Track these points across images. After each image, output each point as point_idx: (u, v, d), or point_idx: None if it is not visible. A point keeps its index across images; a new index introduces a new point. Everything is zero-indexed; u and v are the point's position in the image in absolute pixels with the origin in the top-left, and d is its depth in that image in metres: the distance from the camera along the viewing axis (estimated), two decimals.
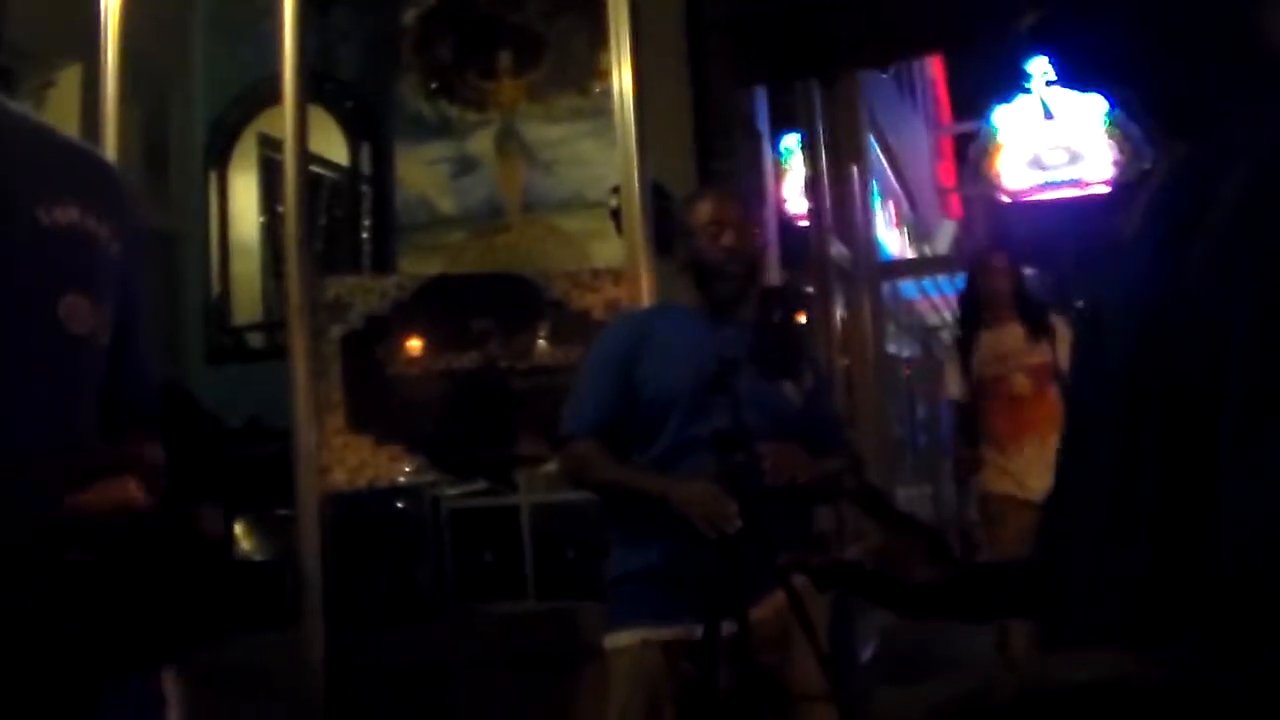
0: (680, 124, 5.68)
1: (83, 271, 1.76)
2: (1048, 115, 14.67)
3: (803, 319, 3.53)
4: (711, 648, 3.21)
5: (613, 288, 4.82)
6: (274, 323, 6.50)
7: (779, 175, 8.76)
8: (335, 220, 6.70)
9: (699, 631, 3.27)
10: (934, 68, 19.89)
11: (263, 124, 6.68)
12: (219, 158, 6.95)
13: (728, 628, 3.22)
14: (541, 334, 4.84)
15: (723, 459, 3.27)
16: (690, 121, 5.72)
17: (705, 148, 5.72)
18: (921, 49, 9.77)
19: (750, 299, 3.62)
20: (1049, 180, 15.61)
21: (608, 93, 5.20)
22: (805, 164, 9.53)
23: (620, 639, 3.51)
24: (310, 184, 5.43)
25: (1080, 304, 1.38)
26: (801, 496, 3.51)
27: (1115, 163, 13.92)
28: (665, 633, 3.41)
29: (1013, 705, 1.04)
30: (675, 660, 3.40)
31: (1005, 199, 16.30)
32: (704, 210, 3.66)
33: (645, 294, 4.67)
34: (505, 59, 6.42)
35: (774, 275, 6.52)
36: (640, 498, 3.44)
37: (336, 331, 4.67)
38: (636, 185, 4.81)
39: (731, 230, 3.60)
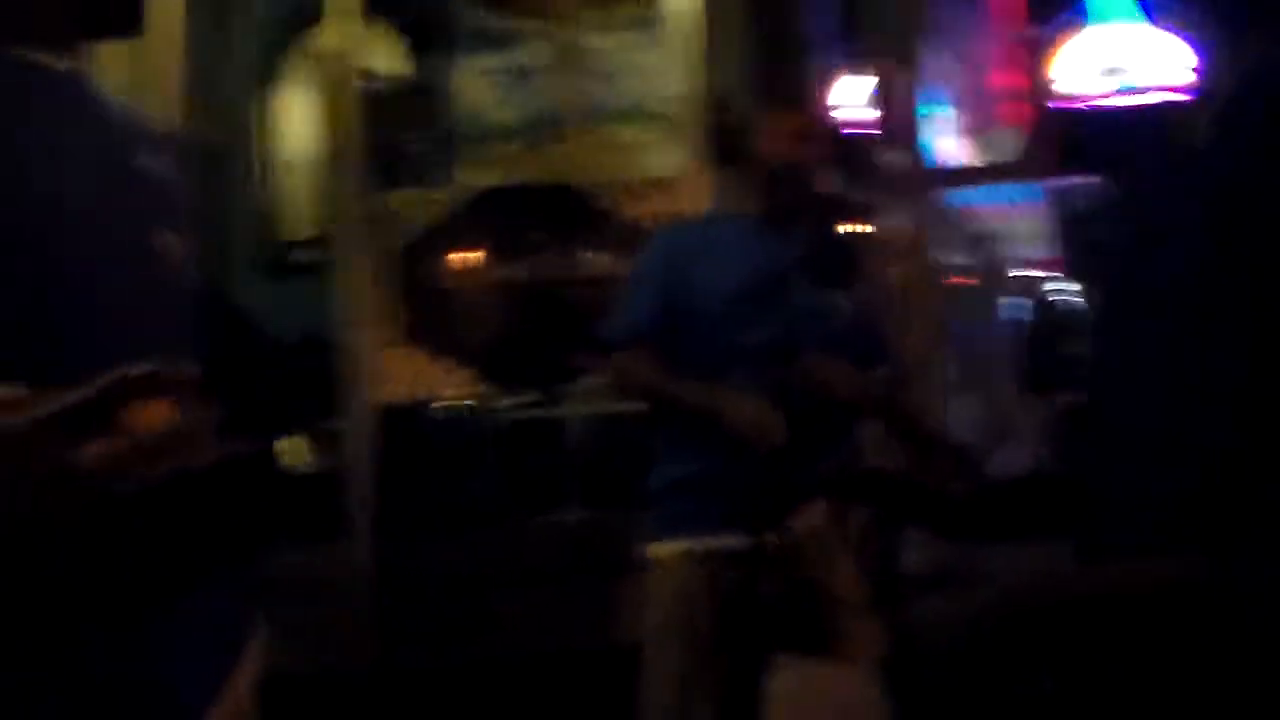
0: (740, 33, 5.61)
1: (169, 211, 1.89)
2: (1119, 19, 14.43)
3: (857, 229, 3.51)
4: (755, 557, 3.23)
5: (665, 197, 4.78)
6: (328, 237, 6.50)
7: (840, 82, 8.63)
8: (390, 132, 6.66)
9: (741, 542, 3.28)
10: None
11: (317, 35, 6.65)
12: (272, 70, 6.92)
13: (771, 538, 3.23)
14: (594, 244, 4.81)
15: (770, 371, 3.26)
16: (750, 30, 5.65)
17: (765, 57, 5.65)
18: None
19: (808, 209, 3.59)
20: (1121, 86, 15.39)
21: (667, 2, 5.15)
22: (866, 65, 9.40)
23: (663, 549, 3.51)
24: (365, 96, 5.42)
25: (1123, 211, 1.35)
26: (845, 410, 3.50)
27: (1195, 70, 13.63)
28: (708, 543, 3.41)
29: (1042, 612, 1.04)
30: (718, 571, 3.40)
31: (1073, 105, 16.08)
32: (785, 119, 3.59)
33: (701, 204, 4.64)
34: None
35: (828, 183, 6.47)
36: (687, 410, 3.44)
37: (390, 244, 4.66)
38: (694, 96, 4.77)
39: (812, 141, 3.59)
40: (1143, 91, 15.13)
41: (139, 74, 5.01)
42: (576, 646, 4.53)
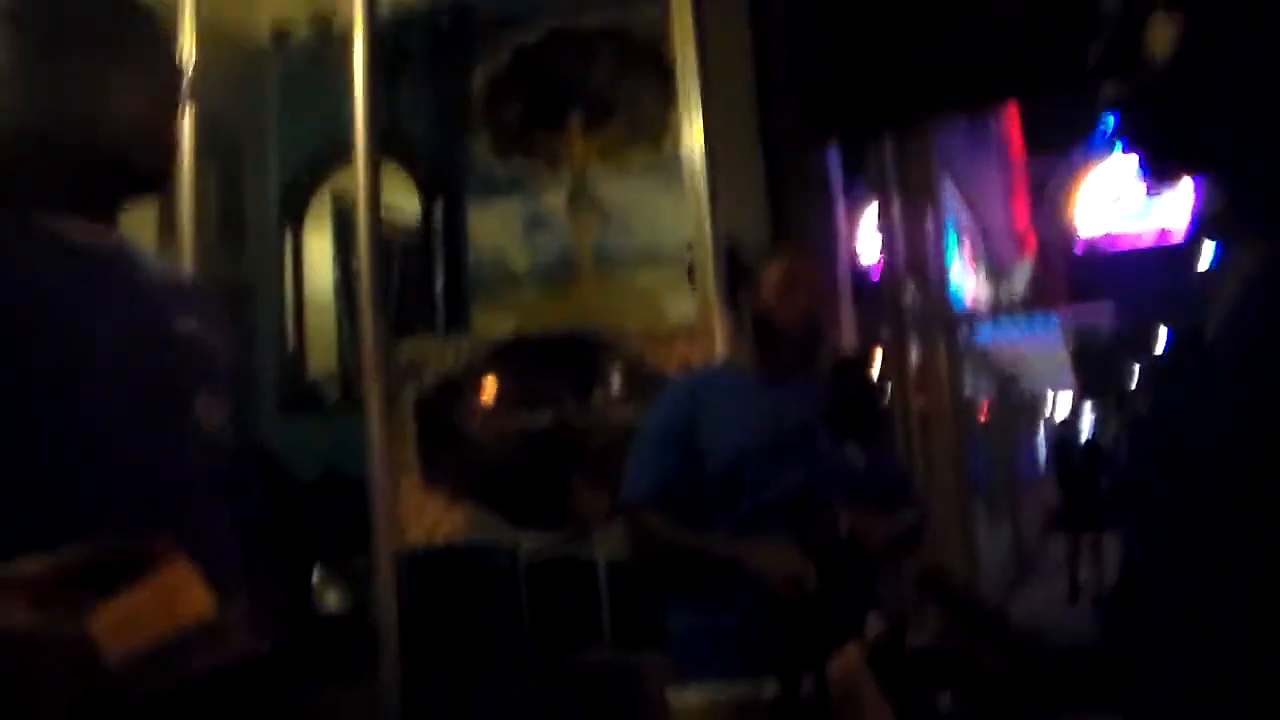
0: (752, 179, 5.67)
1: (210, 373, 1.96)
2: (1125, 152, 14.53)
3: (875, 383, 3.49)
4: (792, 705, 3.21)
5: (687, 345, 4.81)
6: (348, 375, 6.55)
7: (851, 221, 8.73)
8: (408, 278, 6.73)
9: (768, 690, 3.26)
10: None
11: (336, 182, 6.76)
12: (293, 214, 7.01)
13: (807, 684, 3.21)
14: (615, 393, 4.84)
15: (800, 523, 3.25)
16: (762, 176, 5.71)
17: (777, 203, 5.70)
18: (997, 99, 9.71)
19: (811, 360, 3.61)
20: (1127, 219, 15.48)
21: (680, 147, 5.22)
22: (878, 211, 9.51)
23: (688, 698, 3.50)
24: (383, 242, 5.49)
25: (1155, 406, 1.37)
26: (869, 558, 3.50)
27: (1195, 196, 13.71)
28: (736, 692, 3.39)
29: None
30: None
31: (1081, 241, 16.19)
32: (775, 270, 3.63)
33: (719, 351, 4.67)
34: (575, 119, 6.43)
35: (848, 324, 6.51)
36: (712, 564, 3.42)
37: (411, 392, 4.69)
38: (710, 242, 4.82)
39: (803, 292, 3.58)
40: (1148, 223, 15.23)
41: (166, 219, 5.14)
42: None
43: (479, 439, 4.79)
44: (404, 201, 6.71)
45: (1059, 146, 14.76)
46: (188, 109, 2.02)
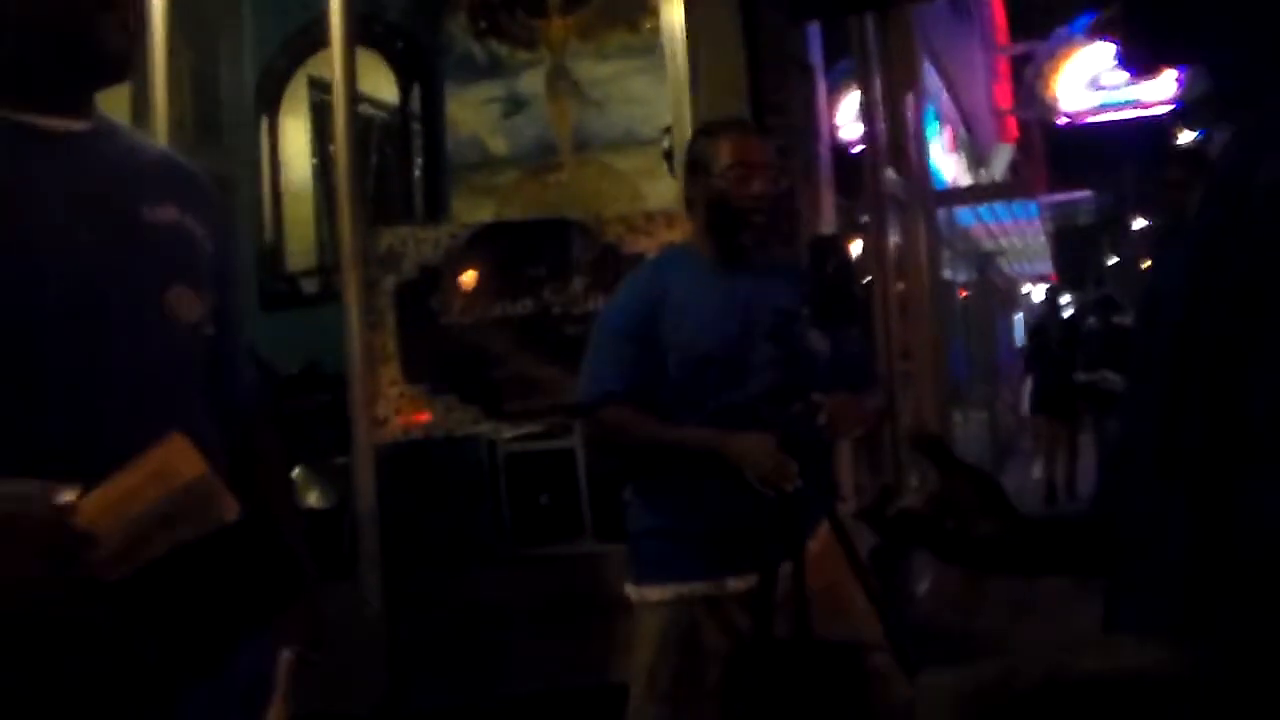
0: (732, 60, 5.59)
1: (185, 265, 1.92)
2: (1105, 35, 14.42)
3: (851, 264, 3.38)
4: (768, 597, 3.17)
5: (666, 230, 4.77)
6: (328, 267, 6.51)
7: (832, 103, 8.64)
8: (387, 160, 6.68)
9: (732, 585, 3.25)
10: None
11: (312, 67, 6.67)
12: (269, 103, 6.94)
13: (785, 574, 3.17)
14: (595, 279, 4.80)
15: (780, 413, 3.19)
16: (742, 58, 5.63)
17: (757, 84, 5.64)
18: None
19: (775, 241, 3.48)
20: (1107, 101, 15.41)
21: (658, 29, 5.15)
22: (859, 87, 9.43)
23: (650, 593, 3.41)
24: (361, 125, 5.42)
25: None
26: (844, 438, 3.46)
27: (1176, 81, 13.70)
28: (702, 587, 3.34)
29: (1036, 694, 1.05)
30: (720, 615, 3.34)
31: (1063, 120, 16.12)
32: (725, 149, 3.42)
33: None
34: None
35: (828, 206, 6.47)
36: (689, 456, 3.32)
37: (390, 282, 4.65)
38: (689, 125, 4.76)
39: (758, 173, 3.40)
40: (1128, 107, 15.16)
41: (139, 108, 5.05)
42: (588, 684, 4.50)
43: (458, 328, 4.75)
44: (381, 86, 6.64)
45: (1041, 30, 14.66)
46: None
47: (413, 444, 5.02)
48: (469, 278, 4.78)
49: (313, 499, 5.25)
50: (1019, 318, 28.32)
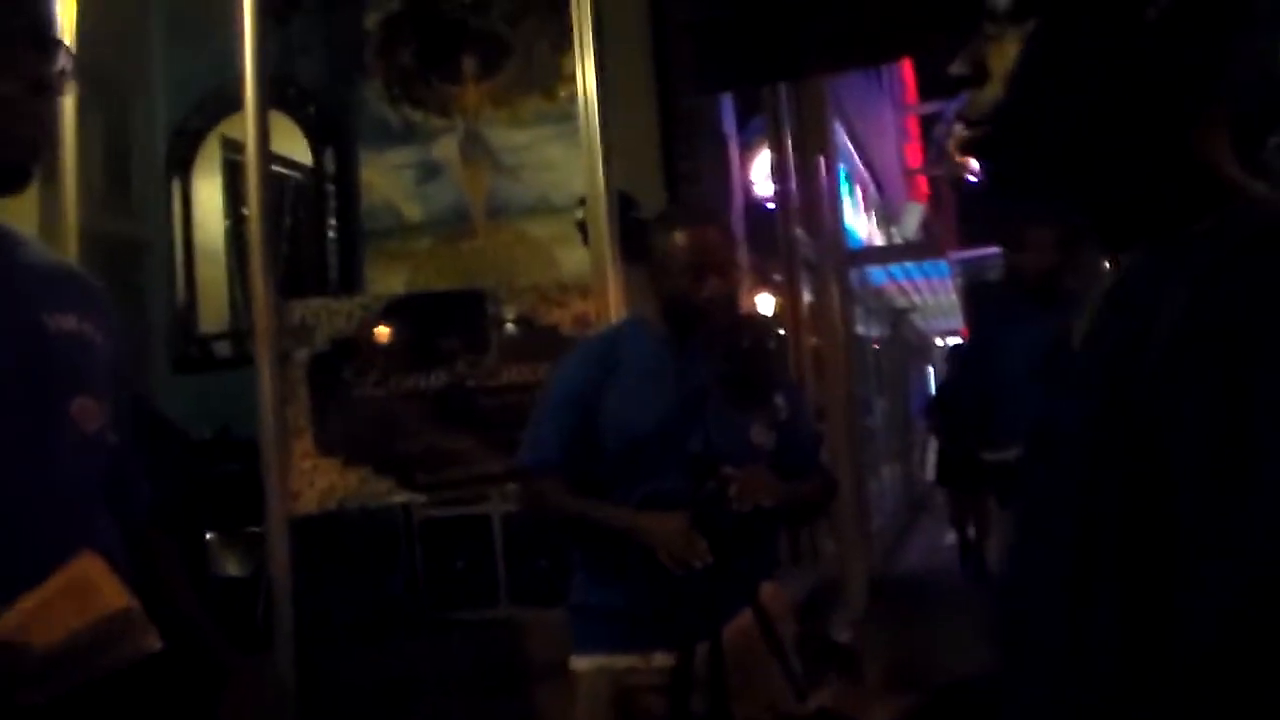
0: (646, 130, 5.66)
1: (87, 374, 1.89)
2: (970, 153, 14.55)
3: (771, 347, 3.35)
4: (685, 676, 3.20)
5: (580, 301, 4.79)
6: (241, 331, 6.47)
7: (745, 160, 8.72)
8: (300, 223, 6.66)
9: (658, 660, 3.27)
10: None
11: (225, 129, 6.65)
12: (182, 164, 6.89)
13: (701, 653, 3.20)
14: (509, 350, 4.80)
15: (693, 486, 3.22)
16: (656, 127, 5.70)
17: (671, 153, 5.70)
18: (889, 55, 9.74)
19: (717, 321, 3.49)
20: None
21: (573, 97, 5.18)
22: (771, 146, 9.52)
23: (582, 663, 3.47)
24: (275, 187, 5.41)
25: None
26: (769, 520, 3.47)
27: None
28: (629, 660, 3.37)
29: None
30: (641, 688, 3.35)
31: (972, 179, 16.31)
32: (682, 245, 3.41)
33: (613, 307, 4.65)
34: (469, 63, 6.38)
35: (743, 263, 6.52)
36: (608, 532, 3.37)
37: (303, 354, 4.63)
38: (603, 196, 4.79)
39: (714, 274, 3.40)
40: None
41: (48, 168, 5.01)
42: None
43: (372, 400, 4.73)
44: (295, 149, 6.62)
45: (950, 89, 14.86)
46: (67, 91, 1.91)
47: (324, 518, 4.99)
48: (382, 350, 4.77)
49: (227, 567, 5.21)
50: (931, 371, 28.58)
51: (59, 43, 1.86)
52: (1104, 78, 1.24)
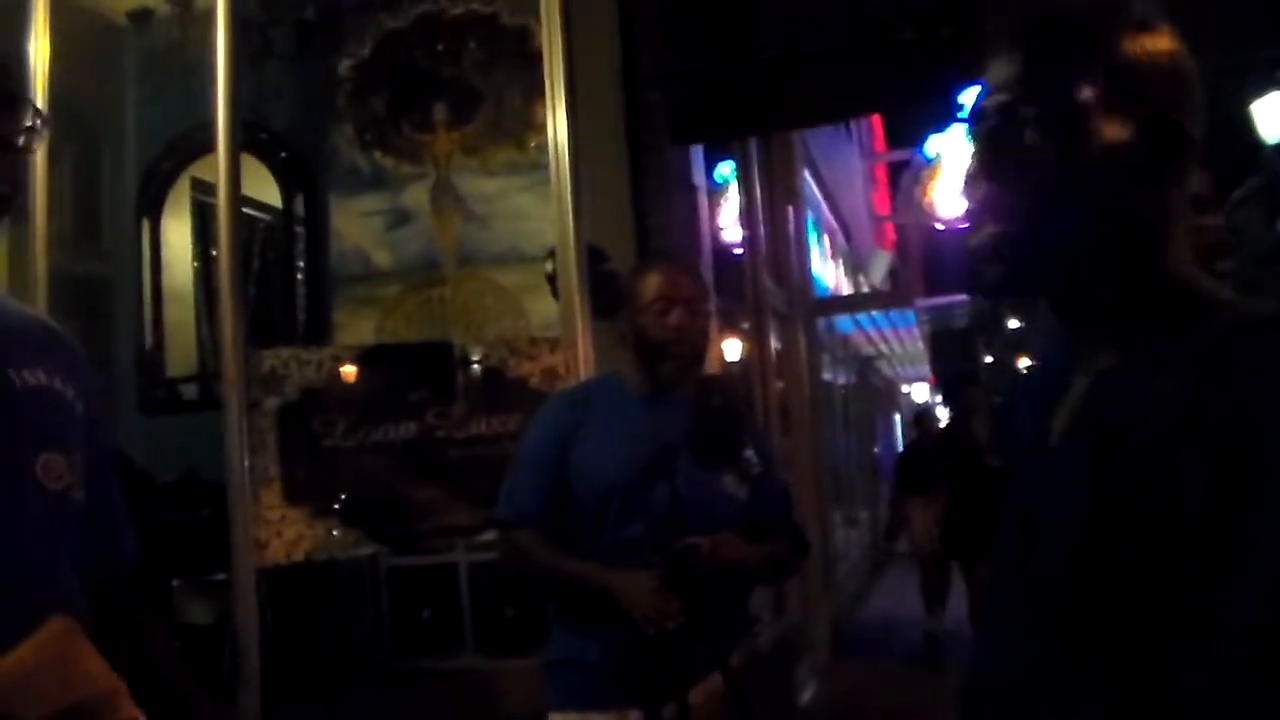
0: (616, 180, 5.68)
1: (55, 430, 1.86)
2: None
3: (738, 406, 3.34)
4: None
5: (550, 355, 4.79)
6: (208, 374, 6.47)
7: (713, 205, 8.75)
8: (270, 274, 6.66)
9: (631, 717, 3.27)
10: None
11: (195, 170, 6.66)
12: (151, 205, 6.90)
13: (668, 713, 3.20)
14: (478, 402, 4.80)
15: (661, 548, 3.23)
16: (626, 178, 5.72)
17: (641, 204, 5.72)
18: (858, 110, 9.80)
19: (690, 374, 3.53)
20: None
21: (543, 147, 5.19)
22: (740, 193, 9.56)
23: (557, 719, 3.47)
24: (244, 230, 5.40)
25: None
26: (740, 581, 3.49)
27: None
28: (604, 717, 3.36)
29: None
30: None
31: (939, 227, 16.40)
32: (652, 284, 3.49)
33: (583, 360, 4.66)
34: (440, 111, 6.41)
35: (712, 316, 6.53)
36: (581, 588, 3.37)
37: (272, 403, 4.62)
38: (573, 249, 4.80)
39: (681, 307, 3.45)
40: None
41: (16, 213, 5.00)
42: None
43: (341, 451, 4.72)
44: (266, 192, 6.63)
45: (917, 137, 14.94)
46: (35, 147, 1.90)
47: (292, 569, 4.97)
48: (351, 401, 4.76)
49: (193, 614, 5.19)
50: (898, 418, 28.68)
51: (25, 100, 1.86)
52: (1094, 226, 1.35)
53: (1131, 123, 1.33)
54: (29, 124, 1.86)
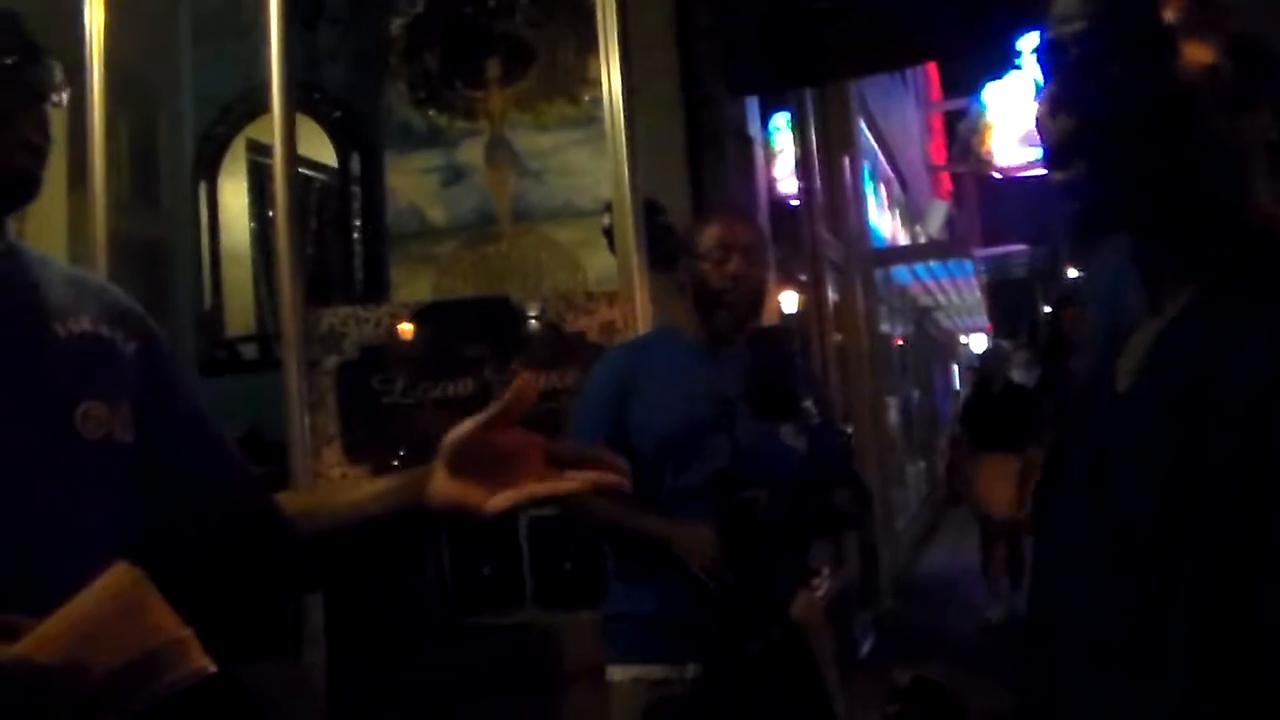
0: (671, 133, 5.65)
1: (100, 377, 1.83)
2: (1038, 91, 14.54)
3: (793, 358, 3.31)
4: (715, 687, 3.21)
5: (607, 309, 4.79)
6: (267, 334, 6.49)
7: (769, 156, 8.70)
8: (326, 232, 6.68)
9: (691, 671, 3.27)
10: None
11: (251, 132, 6.67)
12: (208, 168, 6.92)
13: (728, 667, 3.20)
14: (535, 357, 4.80)
15: (720, 500, 3.23)
16: (682, 131, 5.69)
17: (696, 156, 5.69)
18: (913, 58, 9.74)
19: (750, 327, 3.52)
20: (1041, 156, 15.58)
21: (598, 101, 5.18)
22: (795, 145, 9.52)
23: (617, 673, 3.49)
24: (300, 190, 5.41)
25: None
26: (799, 534, 3.49)
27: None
28: (663, 671, 3.37)
29: None
30: (673, 699, 3.36)
31: (996, 176, 16.30)
32: (711, 233, 3.51)
33: (640, 314, 4.66)
34: (493, 67, 6.38)
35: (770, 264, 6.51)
36: (640, 538, 3.39)
37: (331, 362, 4.64)
38: (629, 203, 4.79)
39: (739, 255, 3.47)
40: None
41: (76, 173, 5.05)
42: None
43: (400, 408, 4.74)
44: (321, 152, 6.64)
45: (973, 87, 14.83)
46: (62, 97, 1.89)
47: None
48: (410, 358, 4.77)
49: None
50: (956, 369, 28.54)
51: (47, 53, 1.85)
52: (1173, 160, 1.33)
53: (1220, 43, 1.30)
54: (56, 76, 1.86)
